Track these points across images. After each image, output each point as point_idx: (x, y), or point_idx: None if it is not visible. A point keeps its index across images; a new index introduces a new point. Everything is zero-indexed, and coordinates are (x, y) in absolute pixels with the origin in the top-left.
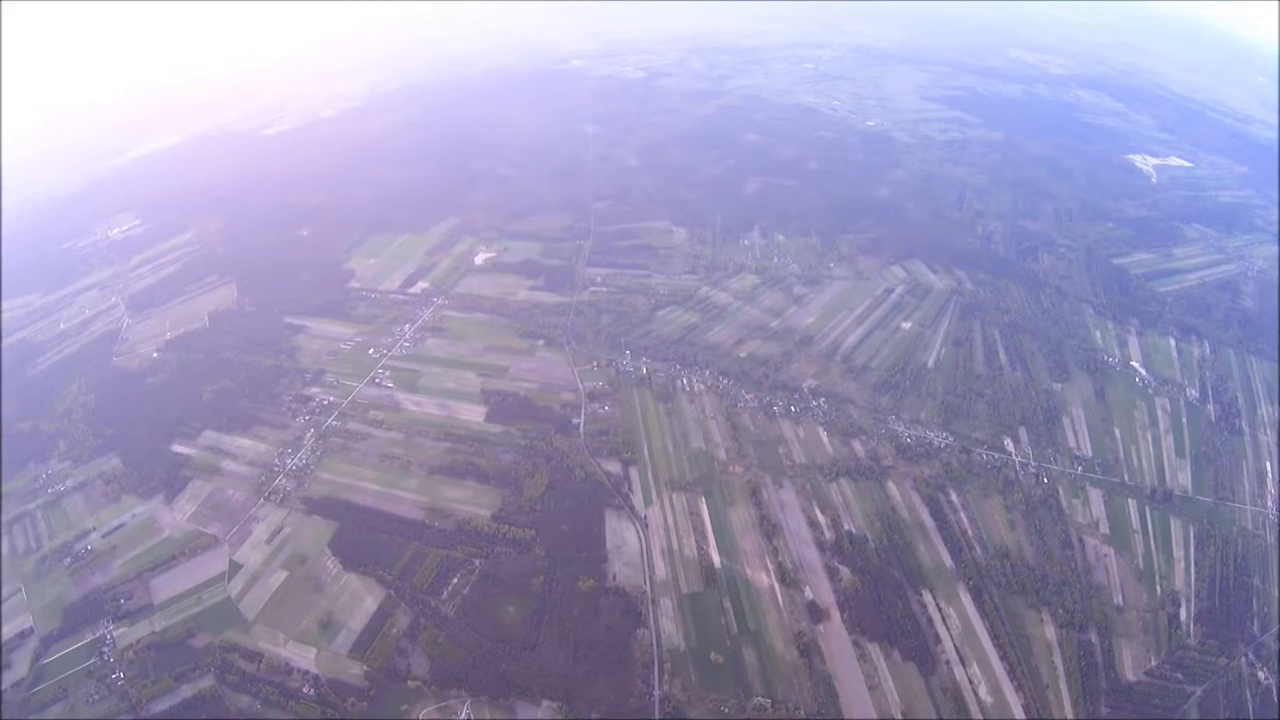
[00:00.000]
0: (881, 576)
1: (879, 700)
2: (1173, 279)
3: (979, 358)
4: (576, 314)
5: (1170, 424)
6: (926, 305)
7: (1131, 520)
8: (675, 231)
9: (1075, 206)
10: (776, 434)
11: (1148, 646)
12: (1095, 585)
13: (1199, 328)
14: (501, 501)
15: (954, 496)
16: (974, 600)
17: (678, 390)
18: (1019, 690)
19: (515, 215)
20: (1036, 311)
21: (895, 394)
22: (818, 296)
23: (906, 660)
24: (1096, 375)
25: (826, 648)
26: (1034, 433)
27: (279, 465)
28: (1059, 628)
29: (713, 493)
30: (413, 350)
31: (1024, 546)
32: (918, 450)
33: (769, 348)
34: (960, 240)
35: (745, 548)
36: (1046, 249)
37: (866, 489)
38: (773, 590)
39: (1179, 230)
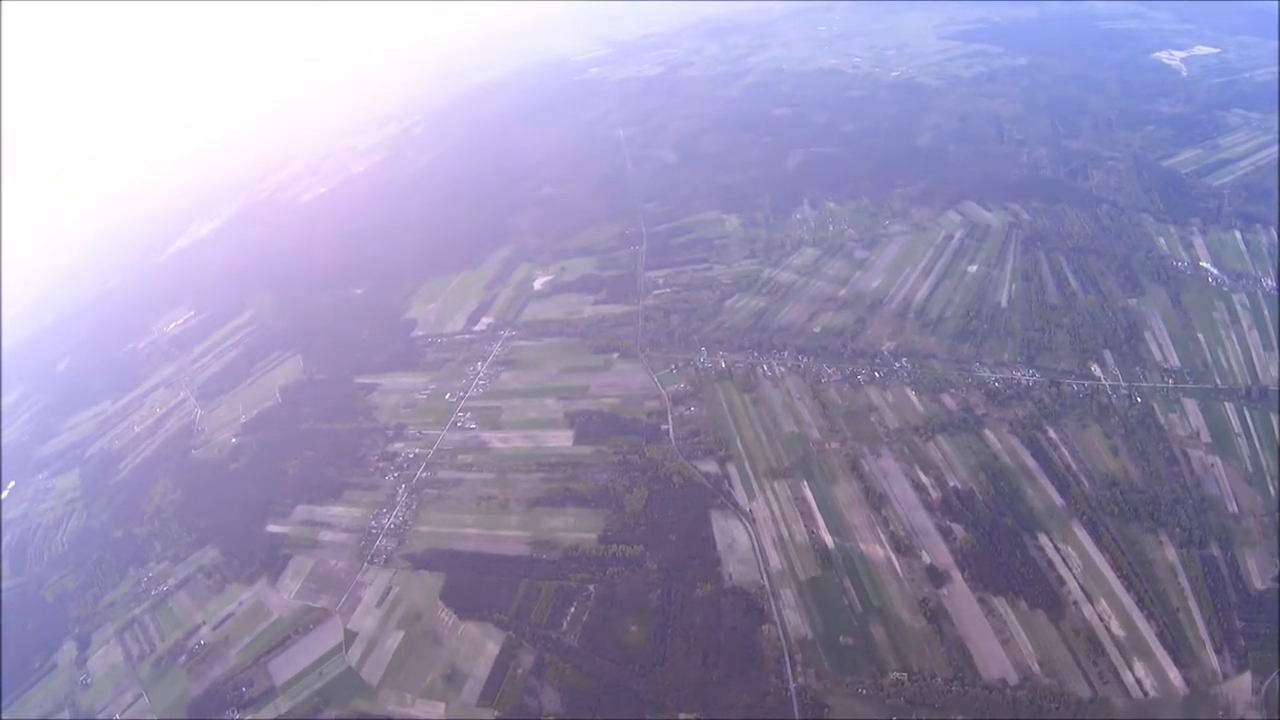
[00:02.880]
0: (995, 528)
1: (1013, 653)
2: (1225, 170)
3: (1050, 288)
4: (645, 320)
5: (1252, 319)
6: (988, 245)
7: (1232, 424)
8: (726, 219)
9: (1114, 116)
10: (865, 403)
11: (1272, 552)
12: (1207, 497)
13: (1262, 215)
14: (605, 522)
15: (1052, 433)
16: (1090, 535)
17: (759, 378)
18: (1150, 619)
19: (566, 233)
20: (1097, 230)
21: (975, 340)
22: (879, 257)
23: (1034, 608)
24: (1169, 283)
25: (953, 610)
26: (1119, 353)
27: (376, 526)
28: (1179, 548)
29: (813, 473)
30: (489, 387)
31: (1130, 471)
32: (1007, 393)
33: (841, 317)
34: (1008, 173)
35: (855, 523)
36: (1094, 165)
37: (964, 442)
38: (890, 561)
39: (1220, 119)
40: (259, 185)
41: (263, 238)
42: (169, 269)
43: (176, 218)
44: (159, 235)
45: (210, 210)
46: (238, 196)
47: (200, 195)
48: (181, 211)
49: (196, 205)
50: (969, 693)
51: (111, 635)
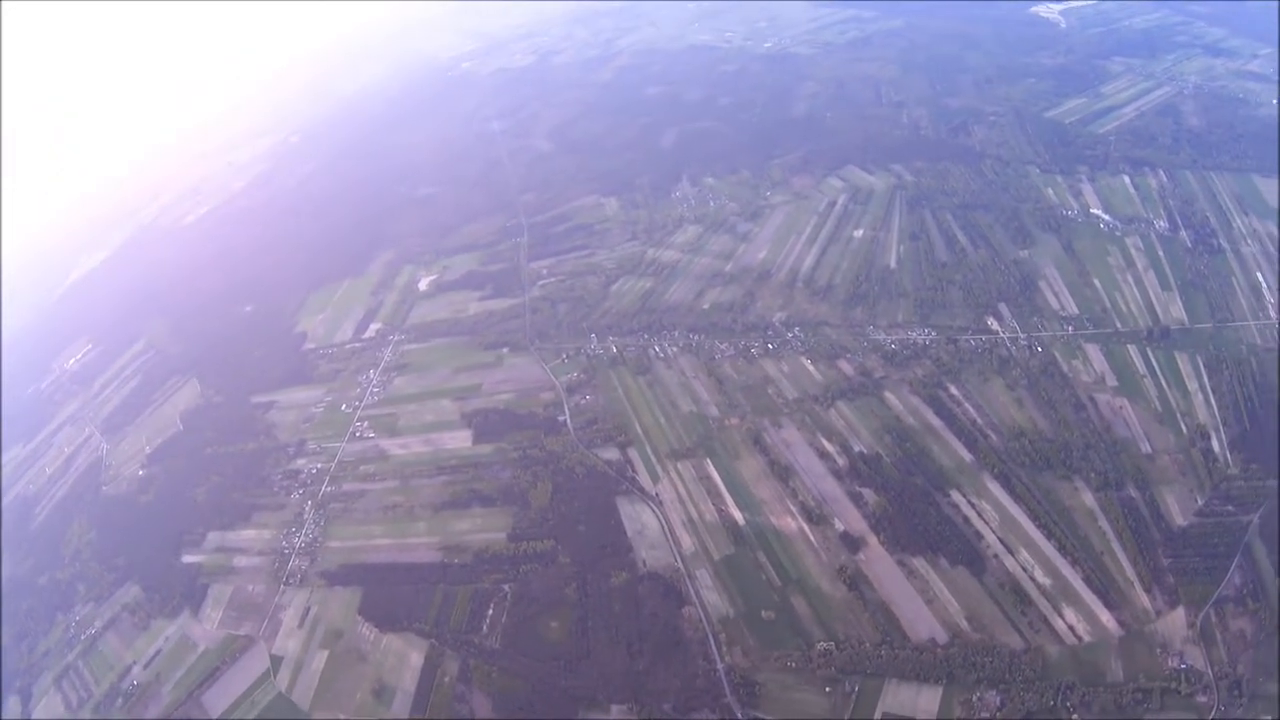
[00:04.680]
0: (906, 489)
1: (939, 612)
2: (1109, 117)
3: (939, 246)
4: (532, 312)
5: (1148, 260)
6: (872, 208)
7: (1136, 366)
8: (606, 203)
9: (993, 72)
10: (761, 376)
11: (1190, 488)
12: (1119, 440)
13: (1150, 159)
14: (512, 520)
15: (954, 390)
16: (1003, 487)
17: (652, 360)
18: (1075, 565)
19: (446, 231)
20: (982, 186)
21: (866, 304)
22: (763, 229)
23: (955, 565)
24: (1060, 232)
25: (872, 575)
26: (1014, 306)
27: (288, 547)
28: (1095, 492)
29: (716, 451)
30: (383, 394)
31: (1037, 420)
32: (905, 354)
33: (730, 292)
34: (888, 135)
35: (764, 497)
36: (975, 121)
37: (866, 406)
38: (803, 532)
39: (1102, 68)
40: (145, 210)
41: (152, 263)
42: (66, 303)
43: (69, 250)
44: (55, 269)
45: (100, 240)
46: (127, 222)
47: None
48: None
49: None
50: (899, 655)
51: (50, 685)
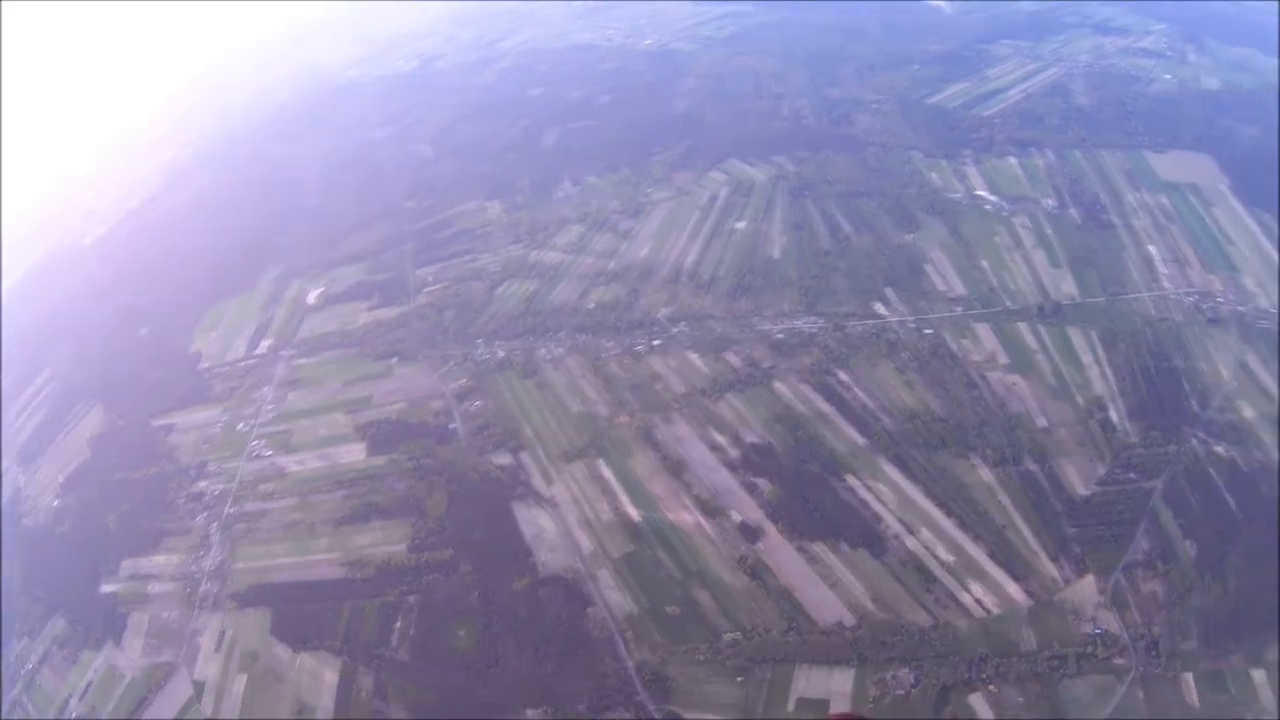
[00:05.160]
0: (800, 476)
1: (844, 595)
2: (995, 100)
3: (822, 234)
4: (419, 320)
5: (1036, 239)
6: (754, 200)
7: (1028, 343)
8: (489, 206)
9: (876, 61)
10: (649, 372)
11: (1090, 458)
12: (1014, 415)
13: (1037, 139)
14: (411, 531)
15: (843, 376)
16: (899, 468)
17: (539, 362)
18: (977, 540)
19: (332, 242)
20: (865, 173)
21: (751, 295)
22: (645, 226)
23: (856, 548)
24: (946, 215)
25: (773, 563)
26: (901, 290)
27: (198, 570)
28: (993, 468)
29: (607, 450)
30: (278, 411)
31: (929, 401)
32: (792, 343)
33: (614, 290)
34: (769, 127)
35: (658, 493)
36: (858, 110)
37: (755, 396)
38: (700, 525)
39: (987, 52)
40: (49, 229)
41: (54, 289)
42: None
43: None
44: None
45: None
46: (32, 247)
47: None
48: None
49: None
50: (808, 640)
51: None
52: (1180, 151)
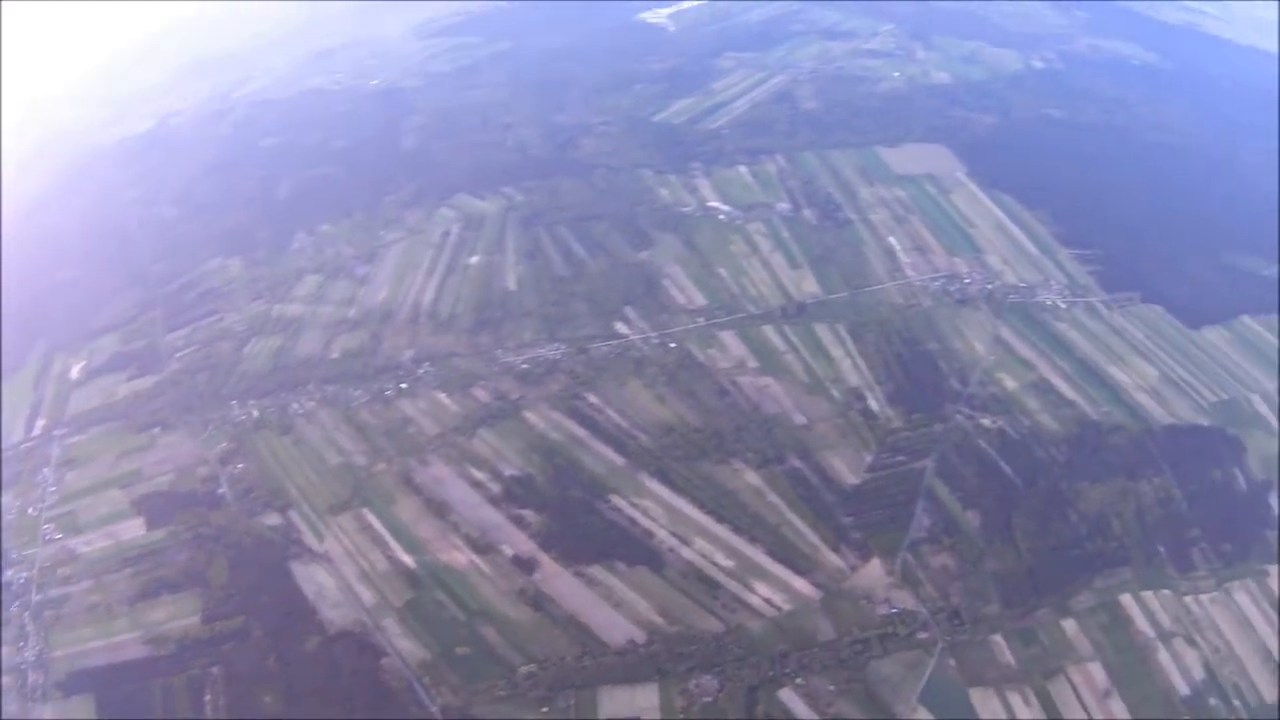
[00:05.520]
0: (565, 503)
1: (630, 615)
2: (721, 112)
3: (557, 261)
4: (175, 386)
5: (773, 243)
6: (486, 233)
7: (775, 344)
8: (230, 264)
9: (601, 84)
10: (400, 416)
11: (855, 447)
12: (770, 417)
13: (766, 146)
14: (201, 602)
15: (593, 398)
16: (663, 483)
17: (293, 417)
18: (754, 542)
19: (89, 313)
20: (595, 196)
21: (492, 329)
22: (381, 269)
23: (633, 566)
24: (680, 229)
25: (553, 592)
26: (641, 307)
27: (23, 661)
28: (757, 469)
29: (371, 499)
30: (60, 492)
31: (683, 413)
32: (538, 372)
33: (357, 338)
34: (497, 159)
35: (427, 536)
36: (585, 134)
37: (508, 429)
38: (474, 564)
39: (712, 66)
40: None
41: None
42: None
43: None
44: None
45: None
46: None
47: None
48: None
49: None
50: (604, 663)
51: None
52: (914, 144)
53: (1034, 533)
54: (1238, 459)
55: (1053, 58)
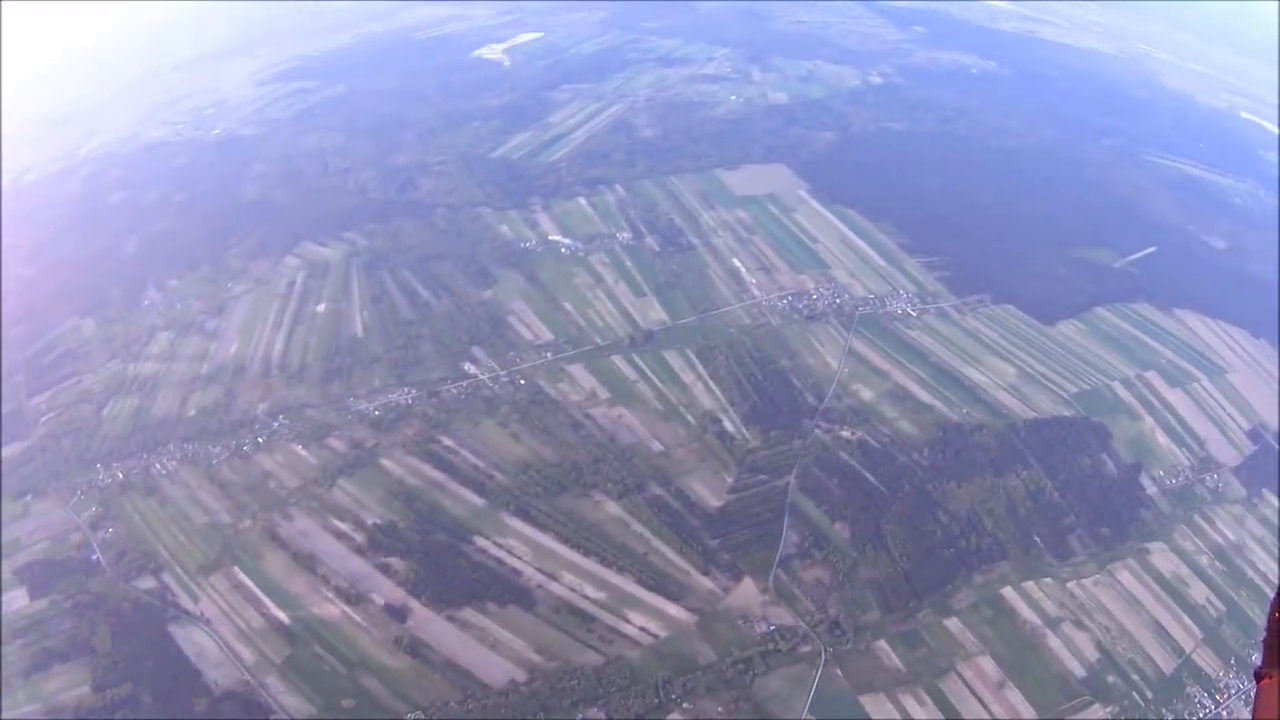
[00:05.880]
0: (430, 548)
1: (508, 655)
2: (559, 145)
3: (402, 304)
4: (42, 452)
5: (617, 273)
6: (331, 280)
7: (626, 374)
8: (84, 324)
9: (437, 123)
10: (260, 471)
11: (715, 470)
12: (626, 446)
13: (605, 176)
14: (89, 671)
15: (447, 441)
16: (525, 520)
17: (157, 478)
18: (623, 572)
19: None
20: (436, 236)
21: (342, 377)
22: (230, 323)
23: (505, 606)
24: (522, 265)
25: (429, 637)
26: (488, 346)
27: None
28: (618, 500)
29: (240, 557)
30: None
31: (538, 449)
32: (391, 418)
33: (212, 394)
34: (338, 204)
35: (299, 591)
36: (423, 174)
37: (366, 477)
38: (347, 615)
39: (548, 99)
40: None
41: None
42: None
43: None
44: None
45: None
46: None
47: None
48: None
49: None
50: (488, 705)
51: None
52: (754, 165)
53: (905, 537)
54: (1105, 445)
55: (891, 72)
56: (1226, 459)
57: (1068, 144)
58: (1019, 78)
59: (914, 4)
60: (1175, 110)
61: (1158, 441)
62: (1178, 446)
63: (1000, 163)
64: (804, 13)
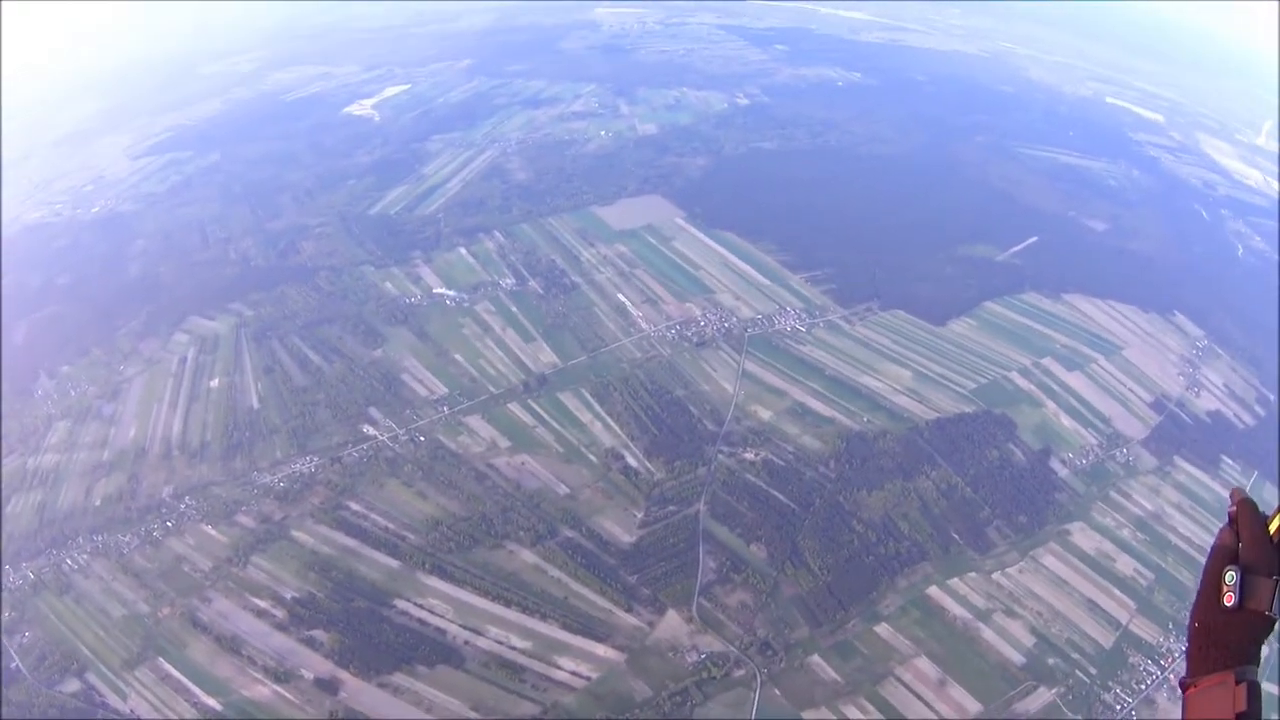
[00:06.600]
0: (351, 616)
1: (443, 714)
2: (435, 196)
3: (295, 372)
4: None
5: (504, 320)
6: (222, 354)
7: (524, 420)
8: None
9: (312, 184)
10: (172, 556)
11: (624, 507)
12: (533, 493)
13: (483, 224)
14: None
15: (355, 505)
16: (442, 578)
17: (69, 574)
18: (546, 619)
19: None
20: (321, 300)
21: (244, 451)
22: (126, 406)
23: (434, 667)
24: (410, 321)
25: (363, 707)
26: (384, 406)
27: None
28: (531, 547)
29: (163, 647)
30: None
31: (446, 505)
32: (296, 488)
33: (115, 481)
34: (221, 275)
35: (226, 675)
36: (303, 238)
37: (279, 551)
38: (278, 694)
39: (420, 150)
40: None
41: None
42: None
43: None
44: None
45: None
46: None
47: None
48: None
49: None
50: None
51: None
52: (629, 199)
53: (823, 551)
54: (1010, 435)
55: (757, 93)
56: (1133, 433)
57: (940, 146)
58: (886, 86)
59: (775, 25)
60: (1043, 102)
61: (1063, 425)
62: (1083, 427)
63: (875, 171)
64: (666, 44)
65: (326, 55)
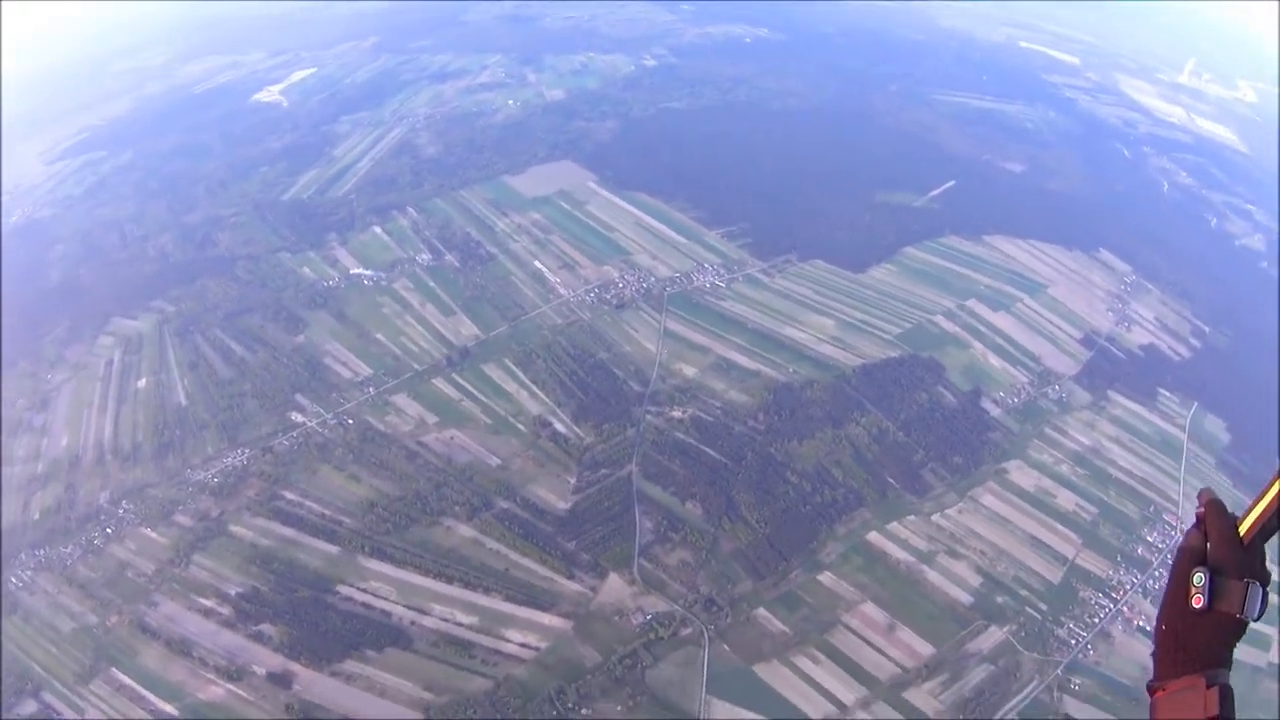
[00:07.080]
0: (297, 606)
1: (397, 698)
2: (347, 177)
3: (219, 365)
4: None
5: (422, 296)
6: (147, 353)
7: (450, 395)
8: None
9: (225, 174)
10: (115, 563)
11: (556, 474)
12: (464, 467)
13: (395, 201)
14: None
15: (290, 494)
16: (382, 560)
17: (15, 593)
18: (490, 593)
19: None
20: (241, 290)
21: (176, 450)
22: (56, 415)
23: (383, 650)
24: (330, 304)
25: (317, 698)
26: (310, 392)
27: None
28: (468, 521)
29: (115, 657)
30: None
31: (379, 486)
32: (230, 482)
33: (52, 492)
34: (141, 273)
35: (180, 678)
36: (218, 229)
37: (219, 548)
38: (233, 693)
39: (330, 133)
40: None
41: None
42: None
43: None
44: None
45: None
46: None
47: None
48: None
49: None
50: None
51: None
52: (540, 166)
53: (759, 504)
54: (939, 378)
55: (664, 53)
56: (1064, 369)
57: (853, 96)
58: (795, 41)
59: None
60: (955, 49)
61: (991, 365)
62: (1012, 366)
63: (788, 125)
64: (570, 9)
65: (234, 44)
